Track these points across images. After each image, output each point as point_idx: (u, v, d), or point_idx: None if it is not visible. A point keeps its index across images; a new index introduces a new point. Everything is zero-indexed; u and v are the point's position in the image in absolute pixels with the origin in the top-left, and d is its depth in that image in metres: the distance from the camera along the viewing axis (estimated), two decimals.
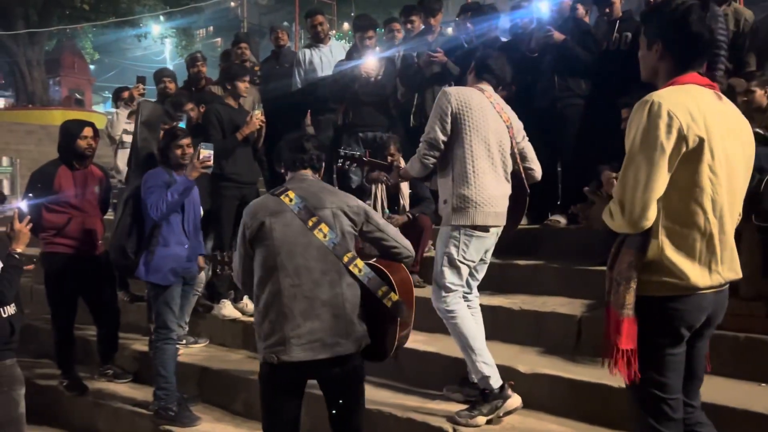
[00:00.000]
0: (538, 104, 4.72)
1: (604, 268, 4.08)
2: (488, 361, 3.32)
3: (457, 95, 3.34)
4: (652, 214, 1.94)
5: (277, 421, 2.71)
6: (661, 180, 1.92)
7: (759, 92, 4.46)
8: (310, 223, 2.62)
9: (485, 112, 3.35)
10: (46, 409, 4.62)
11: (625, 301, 1.99)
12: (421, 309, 4.41)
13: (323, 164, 2.96)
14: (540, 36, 4.84)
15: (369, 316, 2.72)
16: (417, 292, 4.57)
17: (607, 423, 3.19)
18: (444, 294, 3.38)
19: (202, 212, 4.44)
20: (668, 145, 1.89)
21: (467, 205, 3.27)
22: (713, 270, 2.00)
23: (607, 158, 4.27)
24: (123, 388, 4.61)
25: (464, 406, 3.38)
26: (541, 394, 3.42)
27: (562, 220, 4.90)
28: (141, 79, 5.86)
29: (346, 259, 2.65)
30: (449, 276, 3.35)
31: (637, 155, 1.93)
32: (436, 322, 4.29)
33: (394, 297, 2.69)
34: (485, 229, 3.34)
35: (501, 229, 3.43)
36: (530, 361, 3.63)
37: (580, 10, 5.21)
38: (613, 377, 3.26)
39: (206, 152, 3.81)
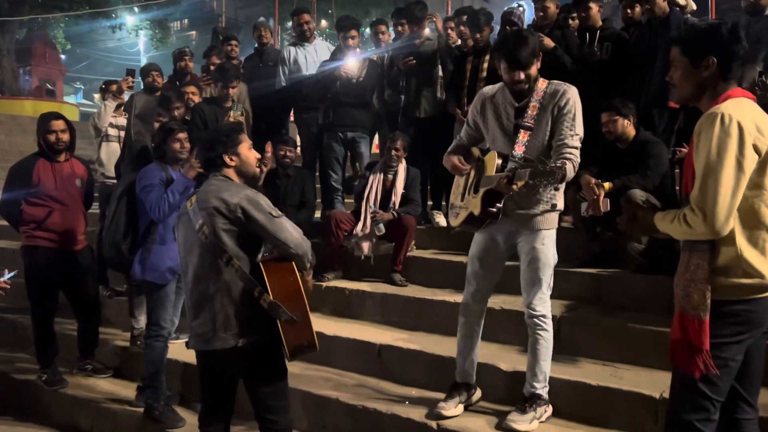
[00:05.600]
0: None
1: (582, 269, 4.26)
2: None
3: None
4: (733, 220, 2.06)
5: (207, 398, 3.01)
6: (742, 188, 2.05)
7: None
8: (197, 226, 2.78)
9: None
10: (24, 404, 4.59)
11: (703, 303, 2.10)
12: (403, 307, 4.52)
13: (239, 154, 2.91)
14: None
15: (266, 316, 2.73)
16: (398, 290, 4.70)
17: (587, 420, 3.30)
18: (548, 298, 3.27)
19: None
20: (744, 155, 2.03)
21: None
22: None
23: (587, 164, 4.40)
24: (103, 383, 4.58)
25: (449, 402, 3.40)
26: (522, 392, 3.50)
27: None
28: (130, 72, 5.81)
29: (223, 259, 2.76)
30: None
31: (716, 166, 2.03)
32: (418, 319, 4.39)
33: (268, 298, 2.70)
34: None
35: None
36: (511, 360, 3.71)
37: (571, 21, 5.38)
38: (591, 376, 3.42)
39: None
